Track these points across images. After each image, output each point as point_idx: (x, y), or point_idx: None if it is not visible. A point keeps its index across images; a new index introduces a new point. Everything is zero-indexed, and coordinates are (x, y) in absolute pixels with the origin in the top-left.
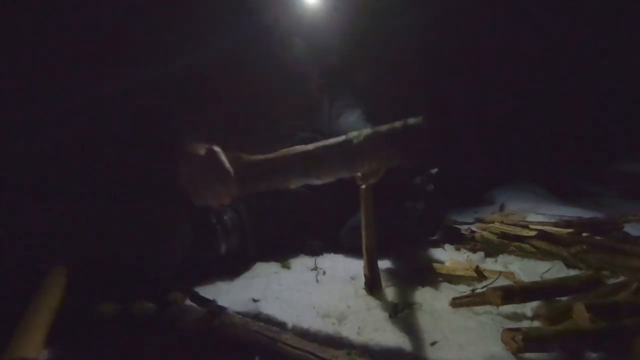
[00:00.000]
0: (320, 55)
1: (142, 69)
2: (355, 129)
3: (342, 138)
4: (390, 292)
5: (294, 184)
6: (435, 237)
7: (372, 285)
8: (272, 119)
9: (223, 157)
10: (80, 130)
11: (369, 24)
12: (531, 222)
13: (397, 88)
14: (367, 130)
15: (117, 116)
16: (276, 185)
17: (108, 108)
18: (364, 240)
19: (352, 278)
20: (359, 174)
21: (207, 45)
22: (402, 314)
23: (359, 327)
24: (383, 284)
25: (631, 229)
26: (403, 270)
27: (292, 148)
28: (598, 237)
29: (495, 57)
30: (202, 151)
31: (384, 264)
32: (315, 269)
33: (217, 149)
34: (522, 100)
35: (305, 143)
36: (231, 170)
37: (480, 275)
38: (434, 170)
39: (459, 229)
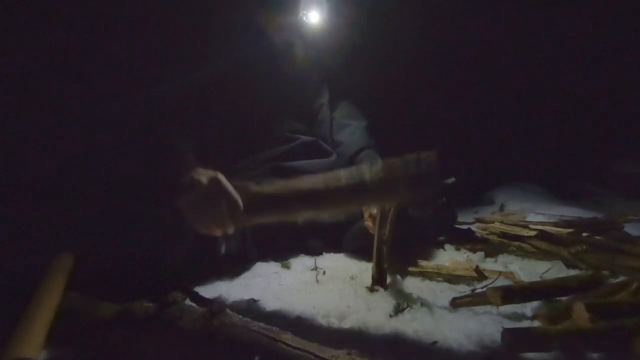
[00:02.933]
0: (321, 61)
1: (147, 78)
2: (359, 144)
3: (355, 178)
4: (390, 292)
5: (302, 218)
6: (441, 238)
7: (379, 284)
8: (273, 123)
9: (229, 186)
10: (83, 132)
11: (370, 29)
12: (531, 222)
13: (397, 90)
14: (379, 167)
15: (120, 119)
16: (283, 218)
17: (112, 111)
18: (375, 241)
19: (352, 278)
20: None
21: (210, 55)
22: (402, 314)
23: (359, 327)
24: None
25: (631, 229)
26: (403, 271)
27: (301, 180)
28: (598, 237)
29: (495, 56)
30: (204, 179)
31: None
32: (315, 269)
33: (221, 177)
34: (522, 100)
35: (306, 147)
36: (239, 200)
37: (480, 275)
38: (450, 180)
39: (469, 229)
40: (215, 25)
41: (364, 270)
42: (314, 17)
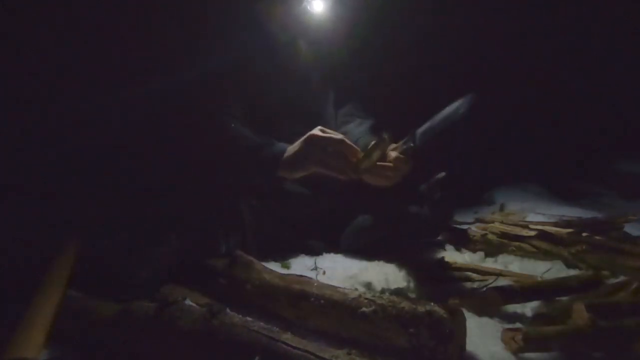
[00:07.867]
0: (326, 56)
1: (148, 79)
2: (362, 141)
3: None
4: (390, 293)
5: None
6: (439, 238)
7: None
8: (275, 125)
9: (327, 133)
10: (89, 135)
11: (374, 27)
12: (531, 222)
13: (399, 89)
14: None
15: (120, 121)
16: None
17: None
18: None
19: (352, 278)
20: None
21: (205, 53)
22: None
23: None
24: (383, 285)
25: (631, 229)
26: (403, 271)
27: None
28: (598, 237)
29: (495, 56)
30: (302, 143)
31: (384, 265)
32: (315, 269)
33: (316, 132)
34: (522, 99)
35: None
36: (340, 138)
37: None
38: (441, 175)
39: (464, 230)
40: (210, 20)
41: (364, 270)
42: (317, 6)
